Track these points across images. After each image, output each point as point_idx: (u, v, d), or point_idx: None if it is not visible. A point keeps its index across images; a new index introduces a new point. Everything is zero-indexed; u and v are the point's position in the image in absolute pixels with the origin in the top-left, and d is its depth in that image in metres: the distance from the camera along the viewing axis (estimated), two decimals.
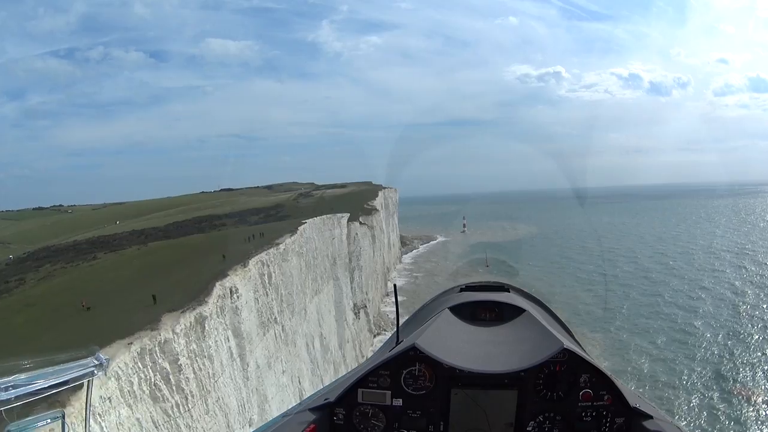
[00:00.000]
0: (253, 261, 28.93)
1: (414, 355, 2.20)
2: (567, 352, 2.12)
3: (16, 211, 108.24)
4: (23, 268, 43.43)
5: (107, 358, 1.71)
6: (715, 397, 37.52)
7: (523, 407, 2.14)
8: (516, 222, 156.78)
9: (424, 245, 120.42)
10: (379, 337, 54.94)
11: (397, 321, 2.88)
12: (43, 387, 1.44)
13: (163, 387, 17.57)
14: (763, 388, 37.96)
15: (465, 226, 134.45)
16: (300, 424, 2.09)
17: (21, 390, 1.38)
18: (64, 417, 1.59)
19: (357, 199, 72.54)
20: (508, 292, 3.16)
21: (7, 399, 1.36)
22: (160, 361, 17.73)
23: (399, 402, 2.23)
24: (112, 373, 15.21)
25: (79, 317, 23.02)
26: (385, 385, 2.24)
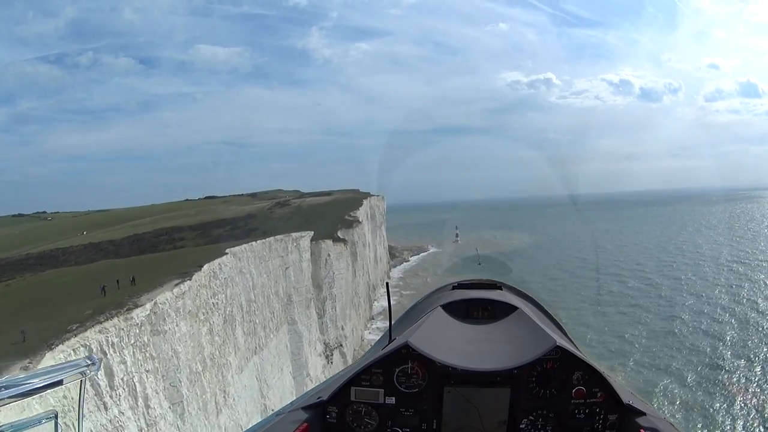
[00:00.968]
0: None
1: (407, 353, 2.19)
2: (560, 350, 2.13)
3: None
4: None
5: (100, 358, 1.96)
6: None
7: (516, 405, 2.14)
8: (509, 230, 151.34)
9: (415, 257, 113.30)
10: None
11: (390, 319, 2.86)
12: (36, 387, 1.42)
13: None
14: None
15: (458, 236, 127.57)
16: (293, 423, 2.08)
17: (14, 390, 1.36)
18: (56, 417, 1.55)
19: (338, 209, 64.77)
20: (501, 289, 3.19)
21: (0, 399, 1.35)
22: None
23: (392, 400, 2.22)
24: None
25: None
26: (378, 383, 2.23)
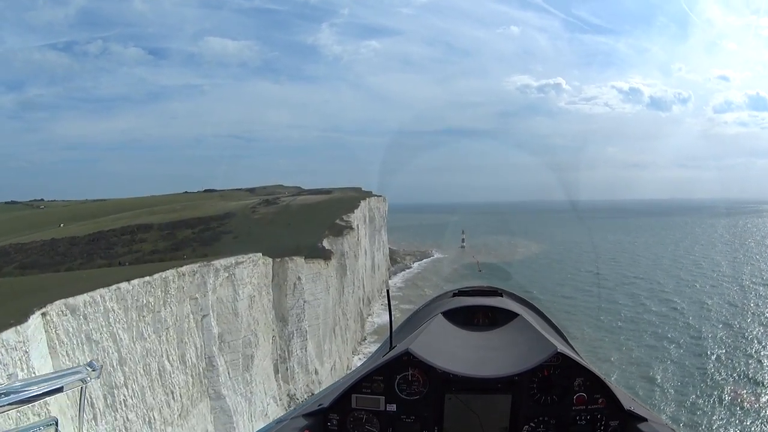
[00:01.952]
0: None
1: (407, 360, 2.20)
2: (561, 356, 2.14)
3: None
4: None
5: (100, 365, 1.66)
6: None
7: (517, 411, 2.14)
8: (514, 236, 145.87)
9: (418, 263, 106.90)
10: None
11: (390, 326, 2.84)
12: (36, 394, 1.42)
13: None
14: None
15: (464, 241, 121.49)
16: (294, 430, 2.09)
17: (14, 397, 1.37)
18: (57, 424, 1.54)
19: (331, 211, 57.46)
20: (501, 296, 3.19)
21: (1, 406, 1.34)
22: None
23: (393, 407, 2.21)
24: None
25: None
26: (378, 390, 2.22)
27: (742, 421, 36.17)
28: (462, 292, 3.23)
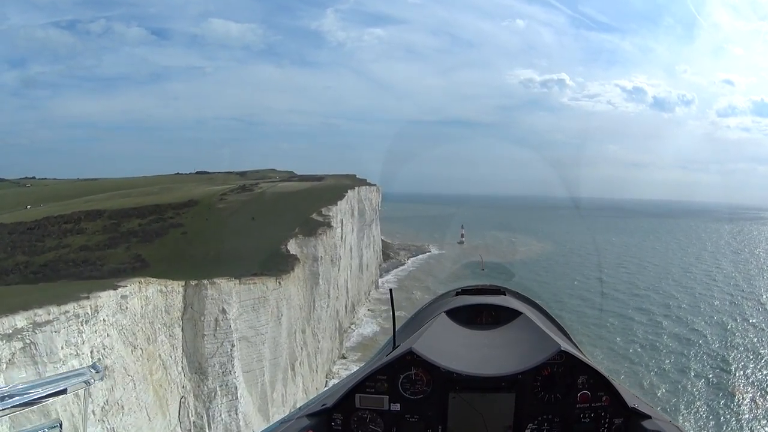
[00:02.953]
0: None
1: (411, 359, 2.19)
2: (564, 354, 2.13)
3: None
4: None
5: (104, 367, 1.66)
6: None
7: (521, 410, 2.14)
8: (515, 233, 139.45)
9: (413, 259, 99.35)
10: None
11: (394, 325, 2.83)
12: (40, 396, 1.42)
13: None
14: None
15: (463, 236, 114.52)
16: (298, 430, 2.08)
17: (18, 399, 1.37)
18: (61, 426, 1.54)
19: (312, 200, 49.25)
20: (504, 294, 3.16)
21: (4, 408, 1.35)
22: None
23: (397, 407, 2.21)
24: None
25: None
26: (382, 389, 2.21)
27: None
28: (465, 291, 3.22)
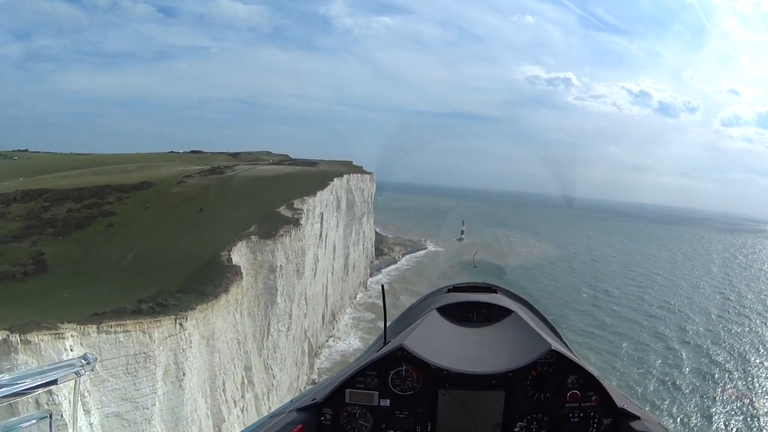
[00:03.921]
0: None
1: (401, 355, 2.19)
2: (554, 353, 2.14)
3: None
4: None
5: (95, 358, 1.66)
6: None
7: (511, 408, 2.14)
8: (514, 231, 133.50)
9: (408, 256, 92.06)
10: None
11: (385, 321, 2.78)
12: (30, 387, 1.42)
13: None
14: None
15: (463, 233, 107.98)
16: (288, 425, 2.08)
17: (7, 390, 1.36)
18: (51, 417, 1.55)
19: (293, 186, 41.66)
20: (496, 293, 3.16)
21: None
22: None
23: (386, 402, 2.21)
24: None
25: None
26: (372, 385, 2.22)
27: None
28: (457, 288, 3.20)
